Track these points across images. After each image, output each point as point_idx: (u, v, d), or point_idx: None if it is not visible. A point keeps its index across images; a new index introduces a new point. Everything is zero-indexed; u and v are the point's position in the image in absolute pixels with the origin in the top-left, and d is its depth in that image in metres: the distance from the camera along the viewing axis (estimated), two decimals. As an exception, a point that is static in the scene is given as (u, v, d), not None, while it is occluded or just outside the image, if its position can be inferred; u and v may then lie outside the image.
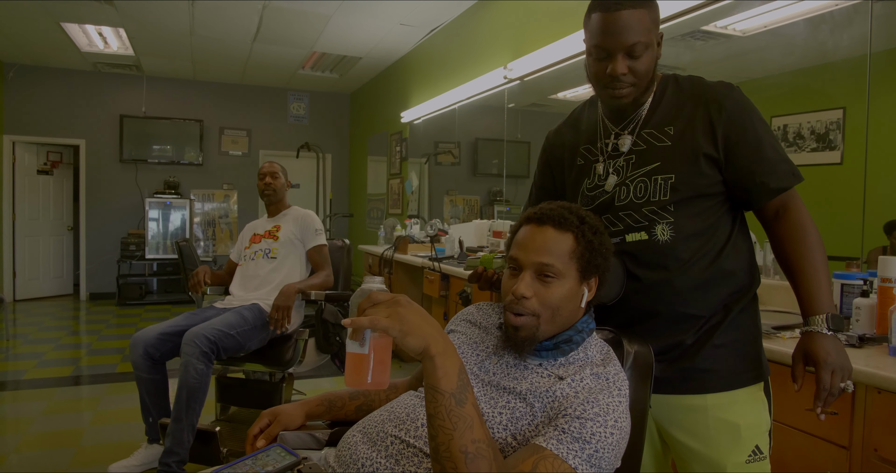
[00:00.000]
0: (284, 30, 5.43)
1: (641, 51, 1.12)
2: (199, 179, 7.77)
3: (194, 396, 2.29)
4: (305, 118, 8.25)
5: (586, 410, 0.90)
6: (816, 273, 1.15)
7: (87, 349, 4.97)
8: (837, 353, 1.10)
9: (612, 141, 1.26)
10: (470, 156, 5.26)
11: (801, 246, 1.16)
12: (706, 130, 1.16)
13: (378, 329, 0.81)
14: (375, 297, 0.85)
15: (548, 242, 1.02)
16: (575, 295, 1.02)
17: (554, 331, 1.03)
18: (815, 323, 1.12)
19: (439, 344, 0.83)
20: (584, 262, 1.02)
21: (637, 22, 1.10)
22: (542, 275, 1.01)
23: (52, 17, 5.15)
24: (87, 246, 7.39)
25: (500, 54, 4.22)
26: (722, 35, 2.70)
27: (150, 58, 6.54)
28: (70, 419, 3.25)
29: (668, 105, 1.22)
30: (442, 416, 0.81)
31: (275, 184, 2.94)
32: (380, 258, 4.68)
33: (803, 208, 1.19)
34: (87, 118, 7.25)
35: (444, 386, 0.82)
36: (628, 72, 1.14)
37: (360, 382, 0.84)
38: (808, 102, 2.27)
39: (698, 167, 1.16)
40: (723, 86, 1.19)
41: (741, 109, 1.16)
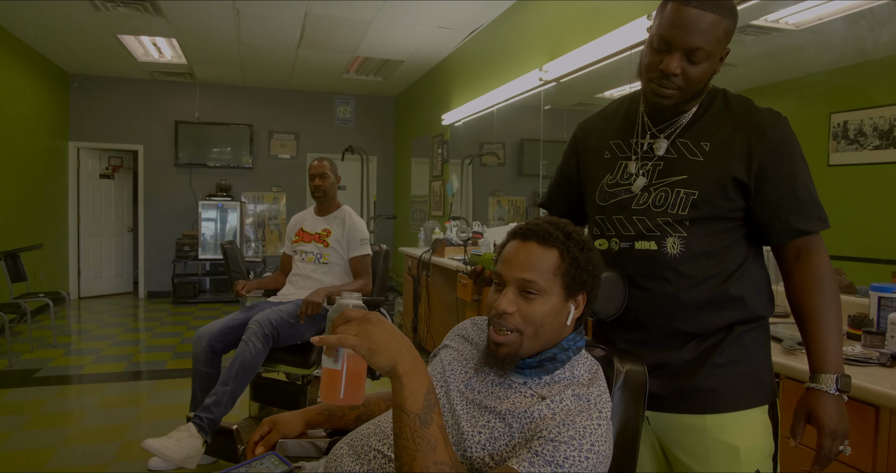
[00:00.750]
0: (326, 36, 5.54)
1: (702, 58, 1.07)
2: (249, 182, 8.01)
3: (245, 369, 2.46)
4: (351, 121, 8.38)
5: (561, 433, 0.89)
6: (829, 326, 1.11)
7: (141, 346, 5.21)
8: (840, 417, 1.08)
9: (647, 141, 1.21)
10: (515, 156, 5.23)
11: (817, 297, 1.12)
12: (742, 155, 1.12)
13: (346, 347, 0.82)
14: (348, 314, 0.86)
15: (531, 258, 1.00)
16: (559, 312, 1.01)
17: (538, 348, 1.02)
18: (823, 382, 1.09)
19: (407, 364, 0.83)
20: (569, 279, 1.00)
21: (710, 27, 1.05)
22: (525, 292, 1.00)
23: (110, 30, 5.42)
24: (146, 246, 7.75)
25: (536, 56, 4.18)
26: (773, 29, 2.59)
27: (202, 65, 6.79)
28: (118, 414, 3.41)
29: (711, 120, 1.17)
30: (406, 436, 0.81)
31: (324, 184, 3.03)
32: (418, 260, 4.72)
33: (825, 257, 1.14)
34: (145, 124, 7.60)
35: (409, 406, 0.82)
36: (680, 74, 1.09)
37: (333, 397, 0.86)
38: (871, 98, 2.15)
39: (724, 189, 1.12)
40: (771, 114, 1.14)
41: (784, 141, 1.11)
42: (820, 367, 1.10)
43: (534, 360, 1.02)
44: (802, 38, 2.47)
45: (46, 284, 6.51)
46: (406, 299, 5.29)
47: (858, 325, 1.75)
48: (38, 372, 4.21)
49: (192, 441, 2.32)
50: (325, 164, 3.05)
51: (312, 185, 3.04)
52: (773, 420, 1.19)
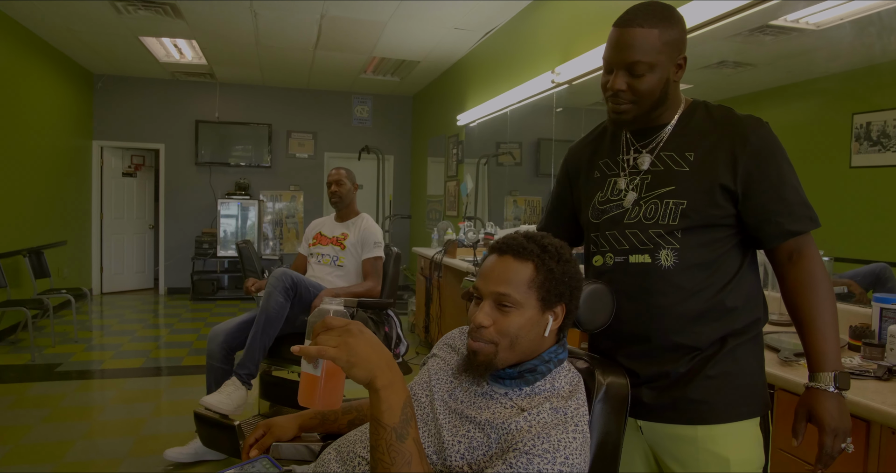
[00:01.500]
0: (343, 37, 5.59)
1: (643, 70, 1.11)
2: (267, 181, 8.11)
3: (270, 323, 2.59)
4: (369, 121, 8.44)
5: (535, 446, 0.90)
6: (825, 326, 1.12)
7: (160, 342, 5.32)
8: (840, 415, 1.08)
9: (632, 157, 1.24)
10: (532, 156, 5.23)
11: (811, 295, 1.13)
12: (727, 162, 1.14)
13: (325, 358, 0.84)
14: (329, 322, 0.87)
15: (506, 272, 1.02)
16: (536, 324, 1.02)
17: (515, 359, 1.03)
18: (822, 381, 1.10)
19: (385, 377, 0.85)
20: (545, 291, 1.02)
21: (644, 41, 1.10)
22: (501, 305, 1.02)
23: (132, 32, 5.53)
24: (166, 243, 7.89)
25: (549, 58, 4.18)
26: (794, 29, 2.57)
27: (222, 66, 6.90)
28: (134, 409, 3.50)
29: (693, 130, 1.19)
30: (382, 449, 0.84)
31: (340, 191, 3.11)
32: (430, 261, 4.75)
33: (817, 256, 1.15)
34: (166, 124, 7.74)
35: (386, 419, 0.84)
36: (627, 89, 1.14)
37: (310, 402, 0.88)
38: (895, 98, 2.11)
39: (713, 197, 1.14)
40: (752, 120, 1.16)
41: (767, 146, 1.13)
42: (818, 366, 1.11)
43: (514, 371, 1.04)
44: (823, 37, 2.44)
45: (70, 280, 6.67)
46: (419, 299, 5.33)
47: (859, 336, 1.73)
48: (59, 367, 4.33)
49: (238, 392, 2.54)
50: (341, 173, 3.16)
51: (330, 192, 3.15)
52: (765, 433, 1.19)
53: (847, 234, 1.12)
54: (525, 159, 5.30)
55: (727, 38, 2.75)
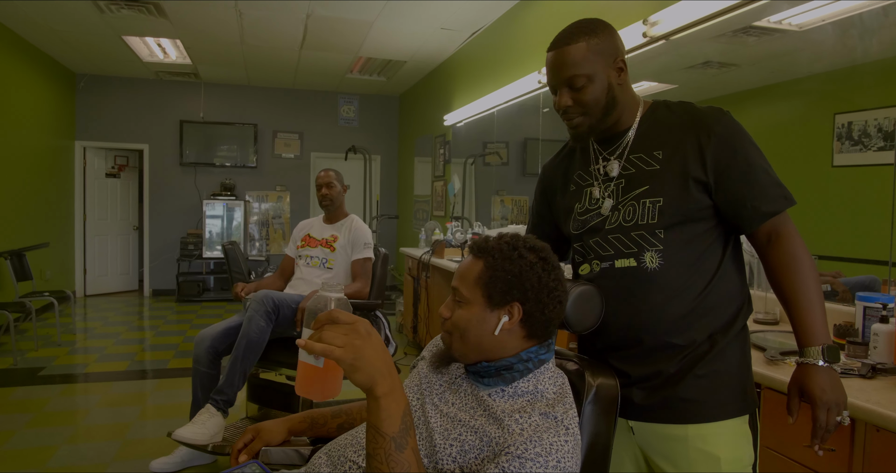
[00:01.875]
0: (329, 37, 5.56)
1: (582, 82, 1.17)
2: (253, 181, 8.06)
3: (251, 348, 2.55)
4: (355, 120, 8.41)
5: (528, 449, 0.90)
6: (810, 303, 1.13)
7: (145, 344, 5.26)
8: (833, 388, 1.08)
9: (601, 166, 1.28)
10: (519, 155, 5.24)
11: (794, 275, 1.14)
12: (695, 155, 1.16)
13: (330, 358, 0.82)
14: (335, 316, 0.86)
15: (464, 269, 1.07)
16: (483, 321, 1.03)
17: (474, 355, 1.06)
18: (811, 355, 1.10)
19: (386, 384, 0.84)
20: (490, 289, 1.03)
21: (574, 56, 1.16)
22: (456, 299, 1.07)
23: (115, 31, 5.46)
24: (151, 244, 7.81)
25: (535, 58, 4.19)
26: (776, 30, 2.60)
27: (207, 66, 6.84)
28: (119, 413, 3.46)
29: (657, 130, 1.22)
30: (380, 459, 0.83)
31: (331, 193, 3.11)
32: (418, 261, 4.74)
33: (796, 234, 1.16)
34: (150, 124, 7.66)
35: (385, 428, 0.83)
36: (573, 103, 1.19)
37: (310, 393, 0.88)
38: (876, 98, 2.14)
39: (687, 191, 1.16)
40: (713, 111, 1.18)
41: (731, 134, 1.15)
42: (805, 341, 1.12)
43: (490, 368, 1.04)
44: (805, 39, 2.47)
45: (53, 282, 6.58)
46: (406, 299, 5.32)
47: (843, 335, 1.75)
48: (42, 371, 4.27)
49: (214, 419, 2.49)
50: (331, 174, 3.15)
51: (320, 195, 3.14)
52: (753, 430, 1.20)
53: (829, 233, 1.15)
54: (512, 159, 5.31)
55: (711, 39, 2.78)
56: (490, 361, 1.05)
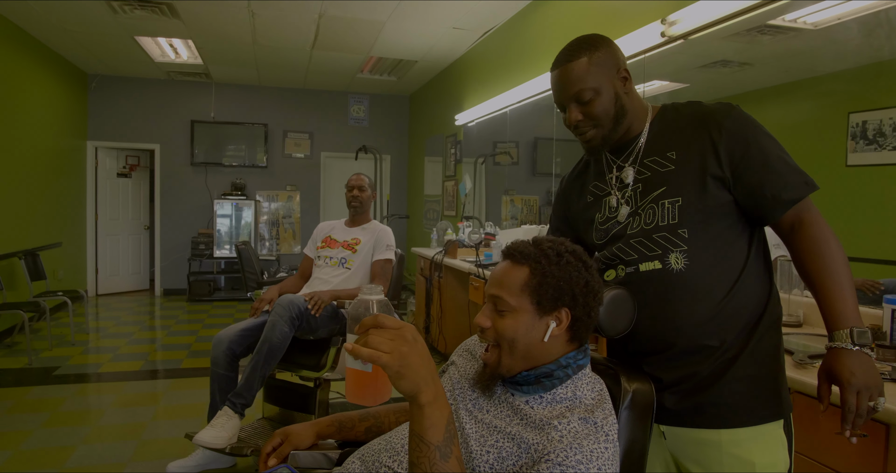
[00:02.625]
0: (341, 37, 5.56)
1: (589, 95, 1.18)
2: (264, 181, 8.08)
3: (273, 352, 2.54)
4: (365, 120, 8.41)
5: (568, 456, 0.89)
6: (838, 286, 1.10)
7: (158, 344, 5.28)
8: (864, 371, 1.05)
9: (615, 174, 1.28)
10: (529, 155, 5.23)
11: (820, 259, 1.12)
12: (710, 151, 1.15)
13: (376, 364, 0.81)
14: (382, 321, 0.84)
15: (503, 276, 1.04)
16: (532, 329, 1.01)
17: (521, 365, 1.03)
18: (839, 339, 1.08)
19: (430, 393, 0.83)
20: (539, 295, 1.01)
21: (577, 72, 1.18)
22: (497, 308, 1.03)
23: (127, 31, 5.48)
24: (162, 244, 7.84)
25: (549, 58, 4.16)
26: (791, 29, 2.57)
27: (218, 66, 6.85)
28: (135, 413, 3.47)
29: (668, 131, 1.22)
30: (424, 467, 0.82)
31: (361, 196, 3.13)
32: (430, 261, 4.74)
33: (820, 219, 1.15)
34: (162, 124, 7.68)
35: (429, 437, 0.82)
36: (584, 117, 1.21)
37: (362, 398, 0.86)
38: (890, 97, 2.11)
39: (705, 188, 1.15)
40: (721, 106, 1.18)
41: (741, 126, 1.15)
42: (835, 325, 1.09)
43: (530, 375, 1.03)
44: (821, 37, 2.45)
45: (65, 282, 6.62)
46: (418, 300, 5.31)
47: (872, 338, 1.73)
48: (57, 370, 4.29)
49: (232, 422, 2.50)
50: (364, 179, 3.18)
51: (350, 196, 3.13)
52: (788, 435, 1.18)
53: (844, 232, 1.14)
54: (522, 158, 5.29)
55: (726, 38, 2.76)
56: (529, 369, 1.03)
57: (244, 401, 2.54)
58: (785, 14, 2.48)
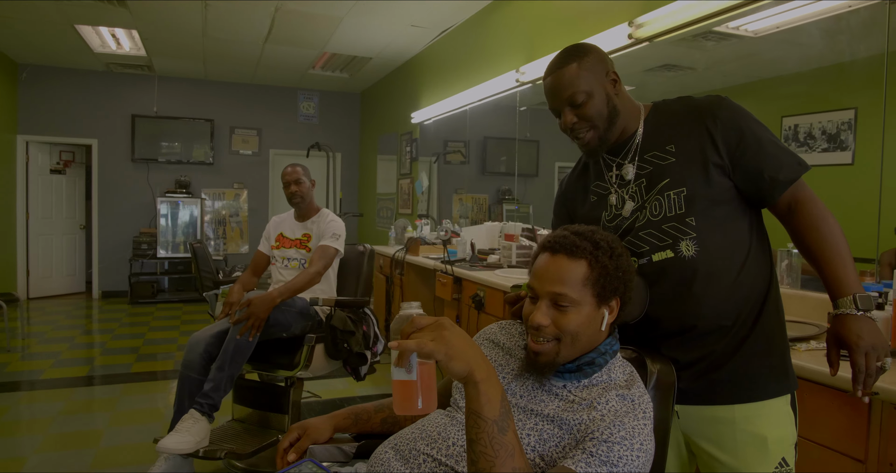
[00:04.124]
0: (296, 31, 5.46)
1: (582, 98, 1.23)
2: (209, 178, 7.82)
3: (240, 352, 2.47)
4: (315, 117, 8.28)
5: (613, 433, 0.92)
6: (838, 256, 1.16)
7: (102, 348, 5.03)
8: (870, 333, 1.10)
9: (615, 172, 1.33)
10: (479, 154, 5.28)
11: (819, 233, 1.18)
12: (707, 141, 1.21)
13: (424, 352, 0.82)
14: (419, 322, 0.87)
15: (561, 271, 1.04)
16: (593, 320, 1.04)
17: (575, 355, 1.05)
18: (844, 305, 1.13)
19: (483, 370, 0.85)
20: (600, 287, 1.04)
21: (568, 77, 1.23)
22: (558, 304, 1.04)
23: (68, 19, 5.19)
24: (100, 244, 7.46)
25: (512, 57, 4.24)
26: (734, 35, 2.71)
27: (162, 58, 6.59)
28: (88, 419, 3.30)
29: (663, 126, 1.28)
30: (484, 443, 0.83)
31: (301, 190, 2.98)
32: (391, 259, 4.72)
33: (815, 197, 1.22)
34: (100, 118, 7.31)
35: (487, 412, 0.84)
36: (578, 120, 1.25)
37: (410, 409, 0.86)
38: (820, 103, 2.28)
39: (707, 176, 1.21)
40: (711, 98, 1.25)
41: (733, 115, 1.22)
42: (838, 293, 1.15)
43: (573, 365, 1.06)
44: (759, 45, 2.60)
45: (-5, 284, 6.21)
46: (378, 298, 5.28)
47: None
48: (-5, 378, 4.02)
49: (199, 425, 2.39)
50: (298, 170, 3.01)
51: (289, 192, 2.99)
52: (794, 410, 1.25)
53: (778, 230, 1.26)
54: (472, 157, 5.35)
55: (674, 43, 2.88)
56: (573, 359, 1.06)
57: (212, 403, 2.44)
58: (729, 21, 2.61)
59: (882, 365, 1.10)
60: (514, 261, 3.61)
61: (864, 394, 1.11)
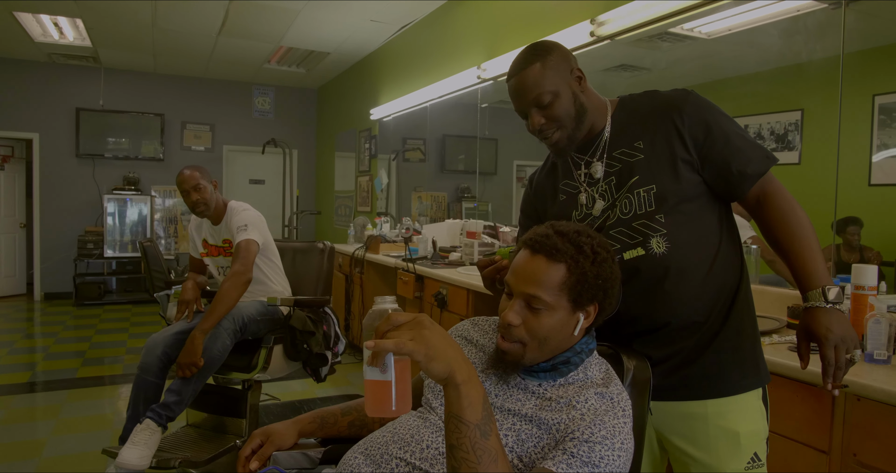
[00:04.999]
0: (251, 24, 5.30)
1: (548, 98, 1.20)
2: (160, 175, 7.53)
3: (210, 366, 2.35)
4: (271, 113, 8.09)
5: (594, 433, 0.90)
6: (807, 249, 1.16)
7: (45, 353, 4.78)
8: (839, 326, 1.10)
9: (584, 171, 1.30)
10: (438, 152, 5.25)
11: (788, 226, 1.18)
12: (675, 136, 1.20)
13: (402, 353, 0.78)
14: (395, 319, 0.82)
15: (538, 273, 0.99)
16: (566, 325, 1.01)
17: (544, 357, 1.02)
18: (813, 298, 1.13)
19: (464, 371, 0.81)
20: (577, 294, 0.99)
21: (532, 77, 1.20)
22: (531, 306, 1.00)
23: (5, 5, 4.91)
24: (42, 244, 7.11)
25: (473, 54, 4.21)
26: (688, 37, 2.75)
27: (109, 50, 6.31)
28: (30, 428, 3.12)
29: (631, 122, 1.26)
30: (466, 448, 0.79)
31: (203, 197, 2.65)
32: (351, 257, 4.63)
33: (783, 189, 1.21)
34: (41, 111, 6.96)
35: (468, 416, 0.80)
36: (546, 120, 1.23)
37: (384, 410, 0.81)
38: (768, 104, 2.33)
39: (676, 173, 1.19)
40: (678, 92, 1.24)
41: (701, 110, 1.20)
42: (807, 286, 1.14)
43: (547, 364, 1.03)
44: (712, 47, 2.65)
45: (-75, 287, 5.83)
46: (336, 297, 5.19)
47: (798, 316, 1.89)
48: (-75, 386, 3.77)
49: (155, 436, 2.27)
50: (195, 175, 2.65)
51: (190, 202, 2.65)
52: (765, 405, 1.25)
53: None
54: (431, 155, 5.32)
55: (630, 43, 2.91)
56: (548, 359, 1.03)
57: (171, 415, 2.31)
58: (684, 23, 2.65)
59: (851, 358, 1.11)
60: (475, 259, 3.59)
61: (835, 387, 1.11)
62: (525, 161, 4.36)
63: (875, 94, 2.01)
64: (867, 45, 2.05)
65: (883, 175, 2.03)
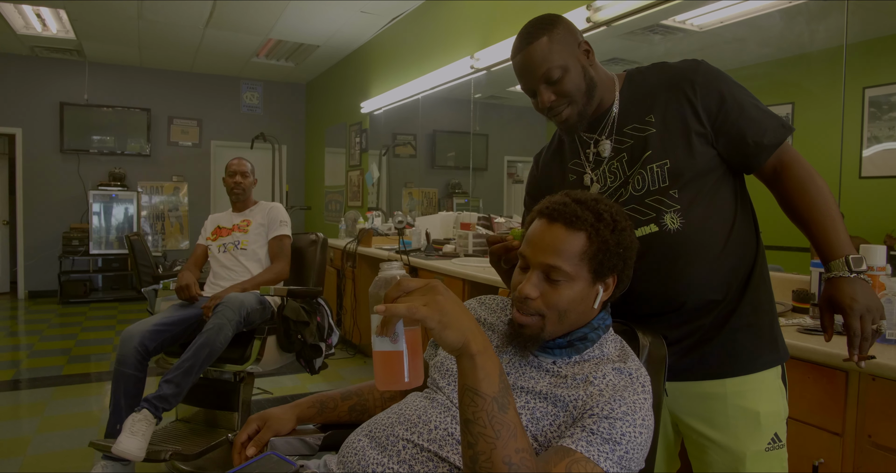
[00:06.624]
0: (239, 16, 5.22)
1: (558, 74, 1.15)
2: (146, 171, 7.42)
3: (210, 358, 2.32)
4: (259, 108, 8.00)
5: (614, 409, 0.85)
6: (829, 219, 1.12)
7: (29, 351, 4.67)
8: (864, 296, 1.06)
9: (592, 149, 1.25)
10: (428, 148, 5.20)
11: (808, 196, 1.14)
12: (688, 109, 1.15)
13: (416, 318, 0.72)
14: (406, 284, 0.76)
15: (557, 242, 0.94)
16: (586, 297, 0.96)
17: (562, 331, 0.97)
18: (836, 268, 1.09)
19: (479, 341, 0.76)
20: (597, 263, 0.95)
21: (540, 52, 1.14)
22: (550, 277, 0.95)
23: (-15, -5, 4.80)
24: (26, 241, 6.97)
25: (466, 44, 4.16)
26: (680, 29, 2.72)
27: (93, 42, 6.19)
28: (15, 426, 3.04)
29: (640, 97, 1.21)
30: (483, 423, 0.74)
31: (245, 183, 2.97)
32: (342, 251, 4.57)
33: (801, 158, 1.17)
34: (24, 105, 6.82)
35: (485, 388, 0.75)
36: (556, 97, 1.17)
37: (395, 382, 0.76)
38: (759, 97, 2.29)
39: (690, 146, 1.14)
40: (688, 62, 1.19)
41: (712, 79, 1.16)
42: (830, 256, 1.10)
43: (564, 340, 0.98)
44: (704, 39, 2.62)
45: None
46: (328, 291, 5.12)
47: (803, 299, 1.86)
48: None
49: (151, 428, 2.22)
50: (245, 165, 3.01)
51: (232, 182, 2.95)
52: (784, 384, 1.21)
53: None
54: (421, 151, 5.26)
55: (621, 36, 2.88)
56: (565, 334, 0.98)
57: (168, 407, 2.26)
58: (676, 15, 2.62)
59: (878, 328, 1.07)
60: (470, 250, 3.54)
61: (860, 359, 1.07)
62: (516, 156, 4.32)
63: (865, 87, 1.99)
64: (857, 39, 2.02)
65: (874, 167, 2.01)
